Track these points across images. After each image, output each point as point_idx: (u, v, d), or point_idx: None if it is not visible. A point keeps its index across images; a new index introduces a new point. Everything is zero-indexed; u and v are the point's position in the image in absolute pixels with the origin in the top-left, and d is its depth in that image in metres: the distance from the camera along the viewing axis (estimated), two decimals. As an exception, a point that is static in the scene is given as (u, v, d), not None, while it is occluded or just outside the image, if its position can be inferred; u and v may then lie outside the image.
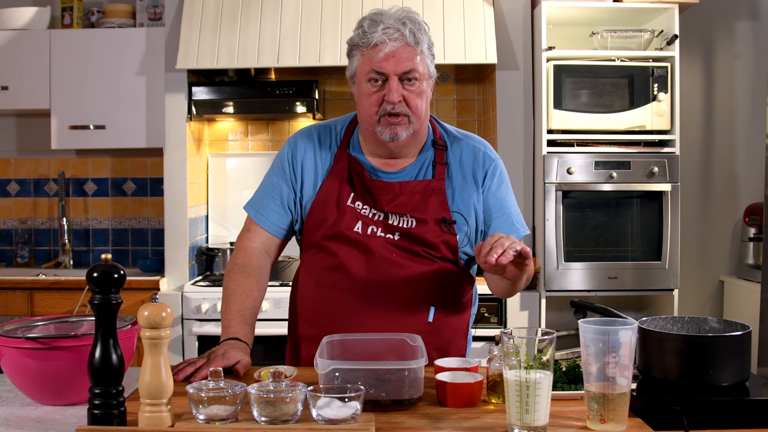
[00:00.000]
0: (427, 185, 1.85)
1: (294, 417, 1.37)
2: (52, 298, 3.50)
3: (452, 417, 1.45)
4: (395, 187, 1.84)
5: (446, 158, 1.88)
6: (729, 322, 1.56)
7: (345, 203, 1.85)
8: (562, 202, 3.36)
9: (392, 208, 1.83)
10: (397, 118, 1.77)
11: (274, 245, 1.94)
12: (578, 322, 1.42)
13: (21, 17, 3.78)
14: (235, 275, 1.86)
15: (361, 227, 1.83)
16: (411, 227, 1.82)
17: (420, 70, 1.77)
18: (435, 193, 1.84)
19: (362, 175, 1.86)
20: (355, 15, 3.47)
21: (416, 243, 1.82)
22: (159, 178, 4.02)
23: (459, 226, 1.84)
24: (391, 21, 1.77)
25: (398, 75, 1.76)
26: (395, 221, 1.83)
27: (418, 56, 1.77)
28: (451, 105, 4.04)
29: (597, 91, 3.39)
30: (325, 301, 1.87)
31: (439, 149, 1.88)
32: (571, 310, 2.14)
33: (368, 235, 1.82)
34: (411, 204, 1.83)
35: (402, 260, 1.82)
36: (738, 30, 3.97)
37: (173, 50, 3.54)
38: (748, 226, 3.76)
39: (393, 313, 1.80)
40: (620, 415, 1.36)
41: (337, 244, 1.85)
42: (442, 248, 1.83)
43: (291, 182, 1.90)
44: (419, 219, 1.83)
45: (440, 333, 1.80)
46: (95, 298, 1.37)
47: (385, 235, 1.82)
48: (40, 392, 1.54)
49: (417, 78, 1.77)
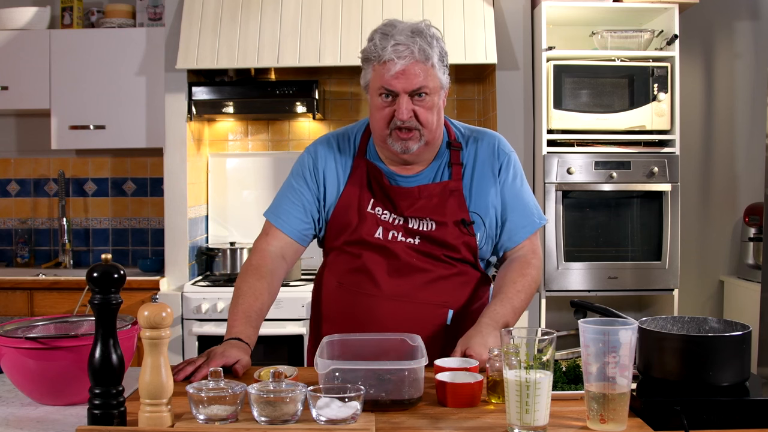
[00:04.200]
0: (444, 187, 1.86)
1: (294, 417, 1.37)
2: (52, 298, 3.50)
3: (452, 417, 1.45)
4: (414, 191, 1.86)
5: (462, 158, 1.90)
6: (729, 322, 1.56)
7: (365, 209, 1.87)
8: (562, 202, 3.36)
9: (412, 212, 1.86)
10: (409, 133, 1.79)
11: (291, 250, 1.94)
12: (578, 322, 1.42)
13: (21, 17, 3.78)
14: (248, 277, 1.87)
15: (382, 233, 1.86)
16: (431, 230, 1.84)
17: (430, 86, 1.78)
18: (453, 195, 1.86)
19: (381, 181, 1.88)
20: (355, 15, 3.48)
21: (437, 246, 1.85)
22: (159, 178, 4.02)
23: (477, 226, 1.86)
24: (402, 37, 1.75)
25: (408, 92, 1.77)
26: (415, 225, 1.86)
27: (428, 71, 1.77)
28: (451, 105, 4.04)
29: (597, 91, 3.39)
30: (348, 301, 1.89)
31: (454, 150, 1.90)
32: (571, 310, 2.13)
33: (389, 240, 1.85)
34: (430, 207, 1.85)
35: (423, 264, 1.84)
36: (738, 30, 3.97)
37: (173, 50, 3.54)
38: (748, 226, 3.76)
39: (413, 316, 1.83)
40: (620, 415, 1.36)
41: (360, 249, 1.88)
42: (462, 249, 1.85)
43: (314, 190, 1.92)
44: (439, 221, 1.85)
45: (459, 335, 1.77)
46: (95, 298, 1.37)
47: (406, 239, 1.85)
48: (40, 392, 1.54)
49: (428, 93, 1.78)
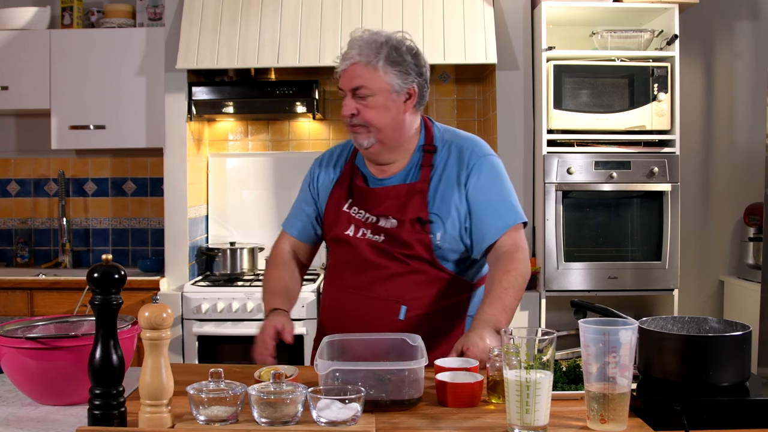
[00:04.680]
0: (411, 187, 1.97)
1: (294, 418, 1.37)
2: (52, 298, 3.50)
3: (452, 417, 1.45)
4: (384, 191, 2.00)
5: (434, 161, 1.99)
6: (729, 322, 1.56)
7: (341, 209, 2.03)
8: (562, 202, 3.36)
9: (380, 211, 1.98)
10: (356, 128, 1.96)
11: (301, 249, 2.18)
12: (578, 322, 1.42)
13: (21, 17, 3.78)
14: (268, 269, 2.16)
15: (354, 230, 2.00)
16: (392, 228, 1.96)
17: (371, 86, 1.91)
18: (417, 195, 1.96)
19: (357, 183, 2.04)
20: (355, 15, 3.47)
21: (395, 243, 1.95)
22: (159, 178, 4.02)
23: (435, 226, 1.93)
24: (354, 44, 1.95)
25: (350, 90, 1.93)
26: (383, 223, 1.98)
27: (370, 72, 1.91)
28: (451, 105, 4.04)
29: (597, 91, 3.39)
30: (327, 293, 2.12)
31: (426, 153, 2.01)
32: (571, 310, 2.14)
33: (358, 237, 1.99)
34: (395, 206, 1.97)
35: (379, 261, 1.96)
36: (738, 30, 3.97)
37: (173, 50, 3.54)
38: (748, 226, 3.76)
39: (370, 309, 1.96)
40: (620, 415, 1.36)
41: (336, 246, 2.07)
42: (416, 247, 1.94)
43: (314, 200, 2.14)
44: (399, 220, 1.96)
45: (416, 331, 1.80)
46: (96, 298, 1.37)
47: (372, 237, 1.97)
48: (40, 392, 1.54)
49: (369, 93, 1.92)
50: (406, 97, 1.94)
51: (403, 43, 1.94)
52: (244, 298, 3.37)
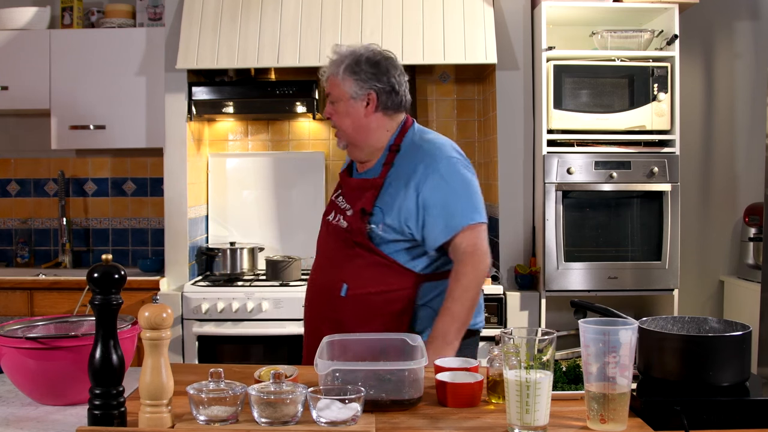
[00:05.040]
0: (369, 182, 2.17)
1: (294, 418, 1.37)
2: (52, 298, 3.50)
3: (452, 417, 1.45)
4: (354, 183, 2.22)
5: (394, 160, 2.17)
6: (729, 322, 1.56)
7: (332, 197, 2.30)
8: (562, 202, 3.36)
9: (348, 201, 2.20)
10: (335, 131, 2.22)
11: None
12: (578, 322, 1.42)
13: (21, 17, 3.78)
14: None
15: (333, 216, 2.22)
16: (349, 216, 2.16)
17: (334, 94, 2.17)
18: (371, 189, 2.14)
19: (344, 175, 2.28)
20: (355, 15, 3.47)
21: (348, 230, 2.16)
22: (159, 178, 4.02)
23: (376, 218, 2.10)
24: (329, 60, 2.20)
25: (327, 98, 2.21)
26: (348, 212, 2.18)
27: (335, 82, 2.16)
28: (451, 105, 4.04)
29: (597, 91, 3.39)
30: None
31: (390, 152, 2.18)
32: (571, 310, 2.14)
33: (332, 222, 2.21)
34: (354, 197, 2.17)
35: (335, 244, 2.18)
36: (738, 30, 3.97)
37: (173, 50, 3.54)
38: (748, 226, 3.76)
39: (323, 285, 2.17)
40: (620, 415, 1.36)
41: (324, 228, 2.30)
42: (356, 234, 2.12)
43: None
44: (353, 209, 2.16)
45: (356, 307, 2.08)
46: (96, 298, 1.37)
47: (340, 223, 2.18)
48: (40, 392, 1.54)
49: (335, 100, 2.17)
50: (365, 102, 2.14)
51: (364, 56, 2.15)
52: (244, 298, 3.36)
